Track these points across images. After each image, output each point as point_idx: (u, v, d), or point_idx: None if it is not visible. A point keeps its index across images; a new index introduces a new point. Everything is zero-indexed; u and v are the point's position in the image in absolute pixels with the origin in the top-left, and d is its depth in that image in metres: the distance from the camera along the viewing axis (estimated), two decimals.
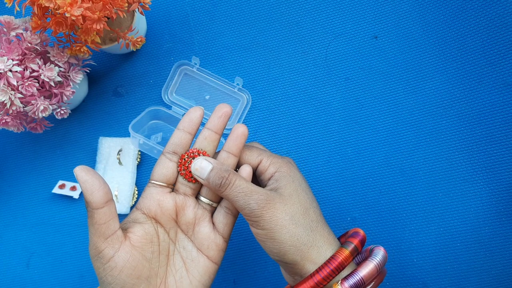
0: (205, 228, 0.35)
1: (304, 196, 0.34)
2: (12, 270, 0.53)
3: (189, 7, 0.54)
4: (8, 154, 0.55)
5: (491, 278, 0.48)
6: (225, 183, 0.32)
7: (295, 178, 0.34)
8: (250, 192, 0.32)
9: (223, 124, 0.35)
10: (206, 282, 0.34)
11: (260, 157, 0.35)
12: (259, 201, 0.32)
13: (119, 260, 0.31)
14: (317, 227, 0.33)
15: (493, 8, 0.50)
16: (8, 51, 0.42)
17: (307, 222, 0.33)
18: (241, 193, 0.32)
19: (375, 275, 0.31)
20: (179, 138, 0.34)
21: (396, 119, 0.51)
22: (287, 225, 0.32)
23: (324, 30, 0.53)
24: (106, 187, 0.31)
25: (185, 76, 0.53)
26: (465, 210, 0.49)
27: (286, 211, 0.32)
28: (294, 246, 0.32)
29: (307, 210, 0.33)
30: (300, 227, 0.32)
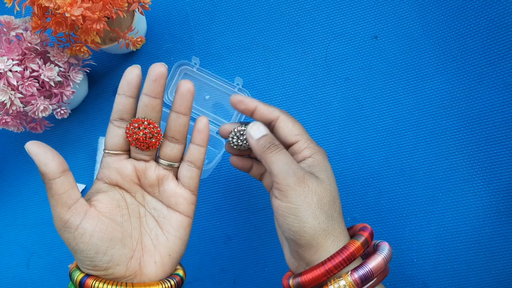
0: (169, 186, 0.35)
1: (334, 186, 0.35)
2: (12, 270, 0.53)
3: (189, 7, 0.54)
4: (8, 154, 0.55)
5: (491, 278, 0.48)
6: (272, 148, 0.34)
7: (328, 168, 0.35)
8: (292, 163, 0.33)
9: (161, 87, 0.33)
10: (182, 236, 0.35)
11: (299, 137, 0.36)
12: (297, 173, 0.33)
13: (87, 226, 0.31)
14: (338, 218, 0.34)
15: (493, 8, 0.50)
16: (8, 51, 0.42)
17: (331, 211, 0.33)
18: (284, 160, 0.33)
19: (382, 268, 0.32)
20: (122, 104, 0.33)
21: (396, 119, 0.51)
22: (313, 206, 0.32)
23: (324, 30, 0.53)
24: (59, 157, 0.31)
25: (185, 76, 0.53)
26: (465, 210, 0.49)
27: (317, 192, 0.33)
28: (313, 228, 0.32)
29: (334, 200, 0.34)
30: (324, 213, 0.33)
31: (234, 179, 0.52)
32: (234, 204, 0.52)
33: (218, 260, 0.51)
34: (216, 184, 0.52)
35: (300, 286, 0.33)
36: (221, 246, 0.51)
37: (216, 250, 0.51)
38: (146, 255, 0.34)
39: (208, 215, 0.52)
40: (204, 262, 0.51)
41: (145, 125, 0.33)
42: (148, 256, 0.34)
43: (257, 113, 0.37)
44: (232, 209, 0.52)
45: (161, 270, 0.34)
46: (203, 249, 0.51)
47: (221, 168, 0.52)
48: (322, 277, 0.31)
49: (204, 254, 0.51)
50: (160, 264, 0.34)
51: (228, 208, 0.52)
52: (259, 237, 0.51)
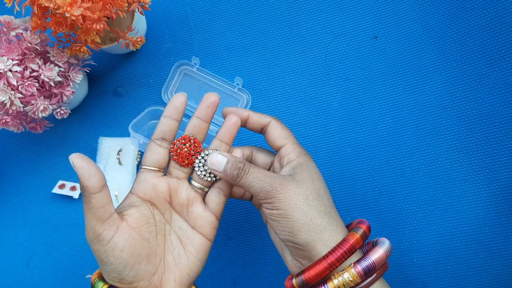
0: (198, 208, 0.36)
1: (319, 183, 0.35)
2: (12, 270, 0.53)
3: (189, 7, 0.54)
4: (8, 154, 0.55)
5: (491, 278, 0.48)
6: (240, 173, 0.34)
7: (311, 167, 0.36)
8: (264, 177, 0.34)
9: (211, 113, 0.37)
10: (202, 258, 0.36)
11: (286, 140, 0.37)
12: (273, 183, 0.34)
13: (119, 240, 0.32)
14: (330, 212, 0.34)
15: (493, 8, 0.50)
16: (8, 51, 0.42)
17: (321, 206, 0.34)
18: (256, 178, 0.34)
19: (384, 260, 0.32)
20: (167, 125, 0.36)
21: (396, 119, 0.51)
22: (300, 205, 0.33)
23: (324, 30, 0.53)
24: (101, 173, 0.32)
25: (185, 76, 0.53)
26: (465, 210, 0.49)
27: (300, 192, 0.33)
28: (307, 225, 0.33)
29: (320, 196, 0.34)
30: (313, 209, 0.33)
31: None
32: (234, 204, 0.52)
33: (218, 260, 0.51)
34: None
35: (304, 284, 0.33)
36: (221, 246, 0.51)
37: (216, 250, 0.51)
38: (167, 272, 0.35)
39: None
40: None
41: (191, 142, 0.37)
42: (169, 273, 0.35)
43: (250, 121, 0.38)
44: (232, 209, 0.52)
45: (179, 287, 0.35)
46: None
47: None
48: (325, 271, 0.32)
49: None
50: (179, 282, 0.35)
51: (228, 208, 0.52)
52: (259, 237, 0.51)
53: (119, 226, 0.33)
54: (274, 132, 0.37)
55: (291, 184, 0.34)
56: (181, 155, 0.36)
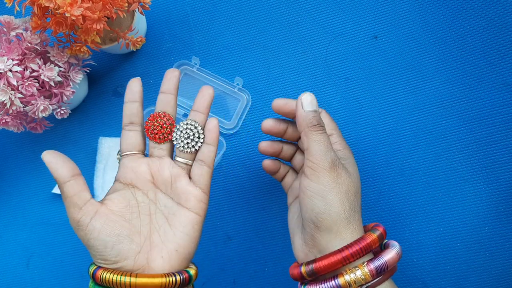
0: (181, 183, 0.36)
1: (359, 181, 0.36)
2: (12, 270, 0.53)
3: (189, 7, 0.54)
4: (8, 154, 0.55)
5: (491, 278, 0.48)
6: (318, 128, 0.34)
7: (355, 164, 0.38)
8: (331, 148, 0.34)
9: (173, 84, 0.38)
10: (190, 232, 0.36)
11: (333, 131, 0.39)
12: (334, 159, 0.34)
13: (96, 223, 0.33)
14: (359, 212, 0.35)
15: (493, 8, 0.50)
16: (8, 51, 0.42)
17: (355, 202, 0.35)
18: (325, 142, 0.34)
19: (396, 262, 0.33)
20: (130, 109, 0.37)
21: (396, 119, 0.51)
22: (342, 193, 0.34)
23: (324, 30, 0.53)
24: (70, 163, 0.34)
25: (185, 76, 0.53)
26: (465, 210, 0.49)
27: (347, 182, 0.34)
28: (338, 214, 0.33)
29: (358, 193, 0.35)
30: (349, 203, 0.34)
31: (234, 179, 0.52)
32: (234, 204, 0.52)
33: (218, 260, 0.51)
34: (216, 184, 0.52)
35: (313, 273, 0.33)
36: (221, 246, 0.51)
37: (216, 250, 0.51)
38: (153, 250, 0.35)
39: (208, 215, 0.52)
40: (204, 262, 0.51)
41: (161, 117, 0.37)
42: (156, 252, 0.35)
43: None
44: (232, 209, 0.52)
45: (168, 265, 0.35)
46: (203, 249, 0.51)
47: (221, 168, 0.52)
48: (338, 264, 0.32)
49: (204, 254, 0.51)
50: (167, 259, 0.35)
51: (228, 208, 0.52)
52: (259, 237, 0.51)
53: (97, 210, 0.34)
54: (325, 120, 0.38)
55: (343, 170, 0.34)
56: (154, 131, 0.37)
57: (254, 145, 0.52)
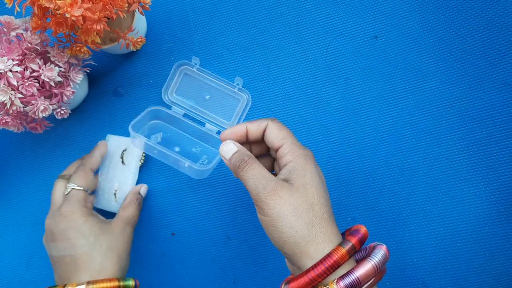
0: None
1: (313, 191, 0.34)
2: (12, 270, 0.53)
3: (189, 7, 0.54)
4: (8, 154, 0.55)
5: (491, 278, 0.48)
6: (242, 165, 0.35)
7: (307, 172, 0.35)
8: (262, 177, 0.34)
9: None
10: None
11: (283, 141, 0.36)
12: (267, 186, 0.33)
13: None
14: (320, 223, 0.33)
15: (493, 8, 0.50)
16: (8, 51, 0.42)
17: (310, 217, 0.33)
18: (254, 175, 0.34)
19: (372, 275, 0.31)
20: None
21: (396, 119, 0.51)
22: (288, 216, 0.32)
23: (324, 30, 0.53)
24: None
25: (185, 76, 0.53)
26: (465, 210, 0.49)
27: (291, 202, 0.33)
28: (292, 237, 0.32)
29: (312, 206, 0.33)
30: (301, 221, 0.33)
31: (234, 179, 0.52)
32: (234, 204, 0.52)
33: (218, 260, 0.51)
34: (216, 184, 0.52)
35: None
36: (221, 246, 0.51)
37: (216, 250, 0.51)
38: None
39: (208, 215, 0.52)
40: (204, 262, 0.51)
41: None
42: None
43: (250, 133, 0.38)
44: (232, 209, 0.52)
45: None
46: (203, 249, 0.51)
47: (221, 168, 0.52)
48: (307, 285, 0.32)
49: (204, 254, 0.51)
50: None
51: (228, 208, 0.52)
52: (259, 237, 0.51)
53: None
54: (271, 134, 0.37)
55: (283, 191, 0.33)
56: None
57: None
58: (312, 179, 0.35)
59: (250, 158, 0.35)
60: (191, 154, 0.53)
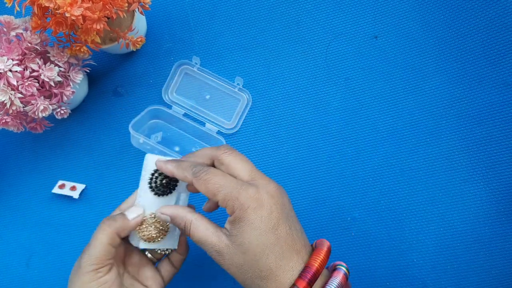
0: (148, 272, 0.40)
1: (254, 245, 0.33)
2: (12, 270, 0.53)
3: (189, 7, 0.54)
4: (8, 154, 0.55)
5: (491, 278, 0.48)
6: (185, 228, 0.36)
7: (249, 221, 0.33)
8: (207, 243, 0.35)
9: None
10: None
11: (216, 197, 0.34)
12: (213, 253, 0.35)
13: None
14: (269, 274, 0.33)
15: (493, 8, 0.50)
16: (8, 51, 0.42)
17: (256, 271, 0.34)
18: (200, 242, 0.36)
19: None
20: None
21: (396, 119, 0.51)
22: (235, 273, 0.35)
23: (324, 30, 0.53)
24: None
25: (185, 76, 0.53)
26: (465, 210, 0.49)
27: (235, 262, 0.34)
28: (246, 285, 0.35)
29: (256, 261, 0.33)
30: (247, 276, 0.34)
31: None
32: None
33: None
34: None
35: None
36: None
37: None
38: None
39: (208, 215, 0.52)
40: (204, 262, 0.51)
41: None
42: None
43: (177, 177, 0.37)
44: None
45: None
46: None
47: None
48: None
49: (204, 254, 0.51)
50: None
51: None
52: None
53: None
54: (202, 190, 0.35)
55: (227, 252, 0.34)
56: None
57: (254, 145, 0.52)
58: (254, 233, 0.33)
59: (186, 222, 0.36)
60: None
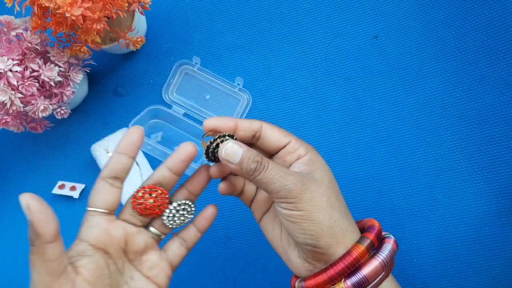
0: (154, 256, 0.33)
1: (334, 182, 0.34)
2: (12, 270, 0.53)
3: (189, 7, 0.54)
4: (8, 154, 0.55)
5: (491, 278, 0.48)
6: (259, 168, 0.31)
7: (324, 164, 0.34)
8: (286, 174, 0.31)
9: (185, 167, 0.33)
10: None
11: (289, 137, 0.34)
12: (296, 182, 0.31)
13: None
14: (348, 213, 0.33)
15: (493, 8, 0.50)
16: (8, 51, 0.42)
17: (341, 207, 0.33)
18: (277, 175, 0.31)
19: (380, 272, 0.31)
20: (120, 163, 0.32)
21: (396, 119, 0.51)
22: (325, 207, 0.32)
23: (324, 30, 0.53)
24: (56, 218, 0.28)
25: (185, 76, 0.53)
26: (465, 210, 0.49)
27: (322, 193, 0.32)
28: (331, 228, 0.31)
29: (339, 196, 0.33)
30: (336, 211, 0.32)
31: None
32: (234, 204, 0.52)
33: (218, 260, 0.51)
34: (216, 184, 0.52)
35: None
36: (221, 246, 0.51)
37: (216, 250, 0.51)
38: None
39: None
40: (204, 262, 0.51)
41: (158, 193, 0.33)
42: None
43: (239, 129, 0.34)
44: (232, 209, 0.52)
45: None
46: (203, 249, 0.51)
47: None
48: (326, 284, 0.31)
49: (204, 254, 0.51)
50: None
51: (228, 208, 0.52)
52: (259, 237, 0.51)
53: (74, 281, 0.29)
54: (273, 132, 0.34)
55: (313, 184, 0.32)
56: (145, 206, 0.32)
57: None
58: (330, 170, 0.34)
59: (264, 159, 0.32)
60: None
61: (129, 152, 0.32)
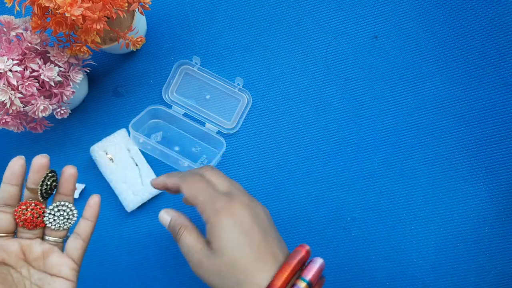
0: (55, 258, 0.37)
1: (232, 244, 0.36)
2: None
3: (189, 7, 0.54)
4: (8, 154, 0.55)
5: (491, 278, 0.48)
6: (179, 232, 0.38)
7: (221, 231, 0.36)
8: (193, 245, 0.37)
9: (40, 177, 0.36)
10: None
11: (196, 200, 0.38)
12: (193, 259, 0.37)
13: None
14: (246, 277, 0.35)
15: (493, 8, 0.50)
16: (8, 51, 0.42)
17: (234, 277, 0.35)
18: (187, 243, 0.37)
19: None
20: (7, 192, 0.35)
21: (396, 119, 0.51)
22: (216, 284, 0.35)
23: (324, 30, 0.53)
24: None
25: (185, 76, 0.53)
26: (465, 210, 0.49)
27: (214, 270, 0.35)
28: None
29: (233, 265, 0.35)
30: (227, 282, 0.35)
31: (234, 179, 0.52)
32: None
33: None
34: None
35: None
36: None
37: None
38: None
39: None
40: None
41: (33, 206, 0.36)
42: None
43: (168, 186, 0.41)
44: None
45: None
46: None
47: (220, 168, 0.52)
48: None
49: None
50: None
51: None
52: None
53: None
54: (185, 195, 0.38)
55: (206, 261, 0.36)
56: (27, 220, 0.36)
57: (254, 145, 0.52)
58: (228, 236, 0.36)
59: (181, 228, 0.38)
60: (190, 154, 0.53)
61: (12, 181, 0.35)
